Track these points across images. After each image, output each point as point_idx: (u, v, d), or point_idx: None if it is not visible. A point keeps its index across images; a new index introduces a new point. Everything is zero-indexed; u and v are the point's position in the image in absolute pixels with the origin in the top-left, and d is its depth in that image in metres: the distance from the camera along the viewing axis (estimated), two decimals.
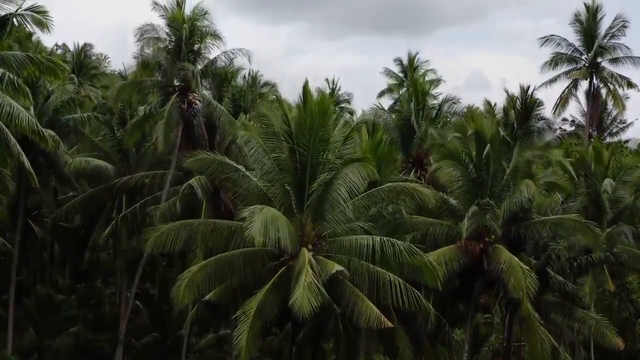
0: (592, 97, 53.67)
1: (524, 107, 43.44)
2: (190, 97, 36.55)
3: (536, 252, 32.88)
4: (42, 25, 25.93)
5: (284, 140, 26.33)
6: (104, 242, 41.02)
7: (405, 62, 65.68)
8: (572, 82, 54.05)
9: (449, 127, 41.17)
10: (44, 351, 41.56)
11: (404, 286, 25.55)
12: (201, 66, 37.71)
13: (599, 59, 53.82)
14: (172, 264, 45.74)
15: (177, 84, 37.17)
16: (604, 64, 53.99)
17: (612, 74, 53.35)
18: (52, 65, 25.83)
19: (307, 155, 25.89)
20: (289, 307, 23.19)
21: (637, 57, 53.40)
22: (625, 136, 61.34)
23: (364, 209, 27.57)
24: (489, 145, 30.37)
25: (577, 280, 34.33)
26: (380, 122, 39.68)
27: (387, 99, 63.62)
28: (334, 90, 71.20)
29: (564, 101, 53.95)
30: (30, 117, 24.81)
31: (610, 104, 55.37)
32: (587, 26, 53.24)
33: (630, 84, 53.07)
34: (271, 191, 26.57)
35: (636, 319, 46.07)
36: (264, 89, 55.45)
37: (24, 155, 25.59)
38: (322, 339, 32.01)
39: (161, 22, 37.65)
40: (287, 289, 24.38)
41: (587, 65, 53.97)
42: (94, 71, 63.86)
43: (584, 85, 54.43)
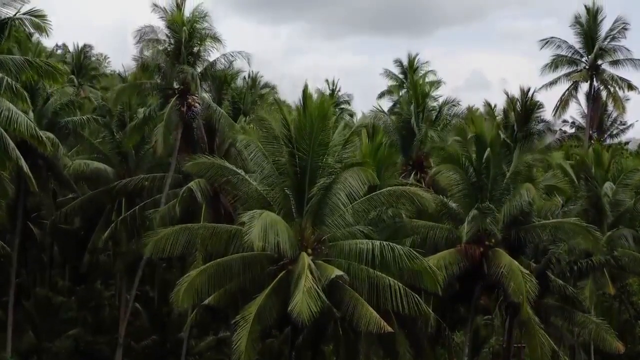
0: (593, 99, 53.60)
1: (524, 109, 43.39)
2: (189, 99, 36.47)
3: (536, 255, 32.81)
4: (40, 29, 25.85)
5: (283, 144, 26.24)
6: (104, 244, 40.94)
7: (405, 63, 65.61)
8: (572, 85, 54.00)
9: (449, 129, 41.06)
10: (43, 354, 41.53)
11: (404, 290, 25.47)
12: (201, 69, 37.62)
13: (600, 61, 53.79)
14: (172, 266, 45.72)
15: (176, 86, 37.10)
16: (604, 66, 53.99)
17: (612, 77, 53.30)
18: (51, 69, 25.72)
19: (306, 159, 25.80)
20: (289, 312, 23.10)
21: (638, 59, 53.45)
22: (625, 137, 61.47)
23: (364, 213, 27.50)
24: (489, 149, 30.30)
25: (577, 283, 34.23)
26: (380, 125, 39.67)
27: (387, 101, 63.51)
28: (334, 91, 71.08)
29: (564, 103, 53.87)
30: (28, 121, 24.72)
31: (610, 105, 55.33)
32: (588, 28, 53.18)
33: (630, 86, 53.02)
34: (271, 195, 26.49)
35: (636, 321, 46.03)
36: (263, 90, 55.48)
37: (22, 159, 25.50)
38: (322, 342, 31.94)
39: (161, 23, 37.67)
40: (287, 293, 24.30)
41: (587, 67, 53.93)
42: (94, 72, 63.84)
43: (585, 87, 54.50)
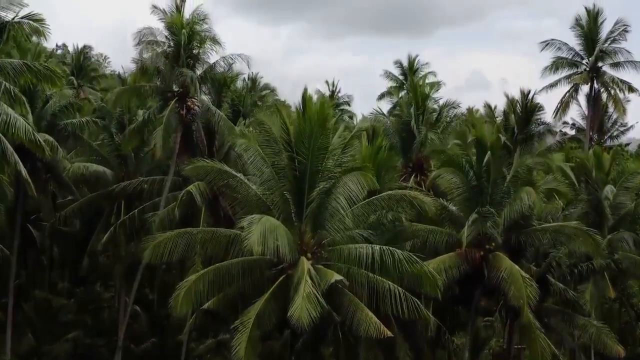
0: (593, 102, 53.47)
1: (525, 111, 43.45)
2: (189, 102, 36.34)
3: (537, 259, 32.75)
4: (39, 33, 25.77)
5: (282, 148, 26.15)
6: (103, 248, 40.85)
7: (405, 64, 65.62)
8: (572, 87, 53.85)
9: (449, 132, 40.97)
10: (42, 356, 41.40)
11: (404, 295, 25.39)
12: (200, 71, 37.51)
13: (600, 64, 53.64)
14: (171, 268, 45.60)
15: (175, 89, 36.95)
16: (604, 69, 53.83)
17: (613, 79, 53.14)
18: (50, 72, 25.60)
19: (306, 163, 25.70)
20: (288, 317, 23.01)
21: (638, 61, 53.26)
22: (625, 138, 61.35)
23: (364, 216, 27.38)
24: (489, 152, 30.18)
25: (578, 287, 34.19)
26: (380, 127, 39.58)
27: (387, 103, 63.43)
28: (334, 92, 71.10)
29: (564, 106, 53.72)
30: (27, 125, 24.62)
31: (611, 107, 55.22)
32: (588, 30, 53.03)
33: (631, 89, 52.87)
34: (270, 199, 26.40)
35: (637, 323, 45.90)
36: (263, 92, 55.46)
37: (21, 164, 25.40)
38: (321, 345, 31.86)
39: (160, 25, 37.58)
40: (286, 298, 24.21)
41: (588, 69, 53.77)
42: (94, 73, 63.78)
43: (585, 88, 54.33)
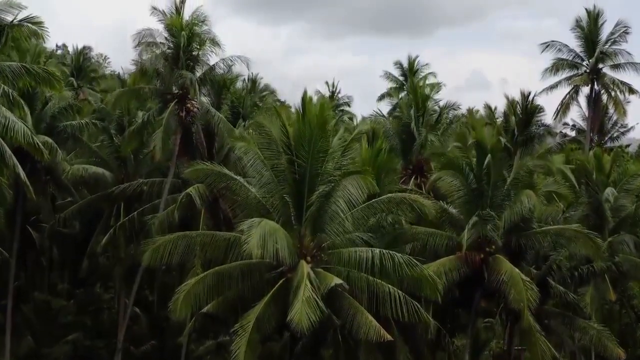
0: (593, 103, 53.37)
1: (525, 113, 43.35)
2: (188, 104, 36.26)
3: (537, 261, 32.67)
4: (37, 36, 25.69)
5: (282, 151, 26.07)
6: (102, 250, 40.79)
7: (405, 65, 65.52)
8: (573, 88, 53.77)
9: (450, 134, 40.89)
10: (41, 359, 41.32)
11: (404, 298, 25.33)
12: (200, 73, 37.43)
13: (600, 65, 53.53)
14: (171, 269, 45.52)
15: (175, 91, 36.86)
16: (605, 70, 53.76)
17: (613, 81, 53.02)
18: (49, 76, 25.52)
19: (305, 166, 25.60)
20: (288, 322, 22.95)
21: (639, 62, 53.17)
22: (626, 139, 61.24)
23: (364, 220, 27.32)
24: (489, 155, 30.11)
25: (578, 289, 34.11)
26: (379, 129, 39.52)
27: (387, 105, 63.31)
28: (334, 93, 71.07)
29: (565, 107, 53.63)
30: (25, 128, 24.56)
31: (611, 109, 55.14)
32: (589, 32, 52.92)
33: (631, 90, 52.79)
34: (270, 202, 26.32)
35: (637, 324, 45.83)
36: (263, 93, 55.32)
37: (19, 167, 25.33)
38: (321, 348, 31.80)
39: (160, 26, 37.51)
40: (286, 301, 24.14)
41: (588, 71, 53.65)
42: (93, 74, 63.71)
43: (585, 90, 54.22)
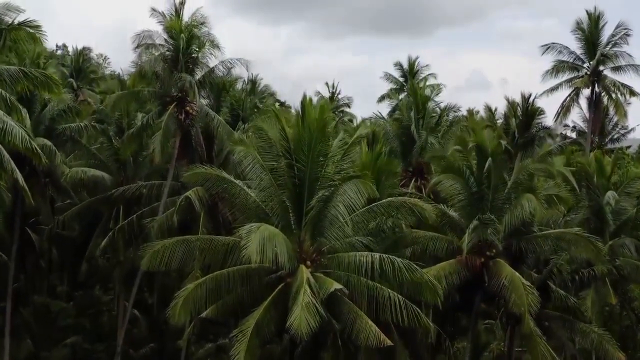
0: (594, 105, 53.21)
1: (525, 115, 43.26)
2: (187, 107, 36.15)
3: (537, 265, 32.57)
4: (35, 39, 25.56)
5: (281, 155, 25.96)
6: (101, 253, 40.69)
7: (405, 66, 65.45)
8: (573, 91, 53.56)
9: (450, 136, 40.78)
10: None
11: (404, 303, 25.27)
12: (199, 75, 37.32)
13: (601, 67, 53.29)
14: (171, 272, 45.36)
15: (174, 94, 36.71)
16: (606, 72, 53.46)
17: (614, 83, 52.79)
18: (47, 79, 25.37)
19: (305, 170, 25.51)
20: (287, 328, 22.84)
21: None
22: (627, 140, 61.11)
23: (363, 224, 27.22)
24: (490, 158, 29.97)
25: (579, 293, 33.99)
26: (379, 132, 39.45)
27: (387, 107, 63.21)
28: (334, 94, 71.04)
29: (565, 110, 53.42)
30: (23, 133, 24.41)
31: (612, 110, 54.98)
32: (589, 34, 52.70)
33: (632, 92, 52.54)
34: (269, 207, 26.22)
35: (638, 326, 45.69)
36: (263, 95, 55.21)
37: (17, 171, 25.16)
38: (321, 351, 31.71)
39: (160, 28, 37.40)
40: (285, 306, 24.04)
41: (589, 73, 53.43)
42: (93, 75, 63.63)
43: (586, 92, 54.02)
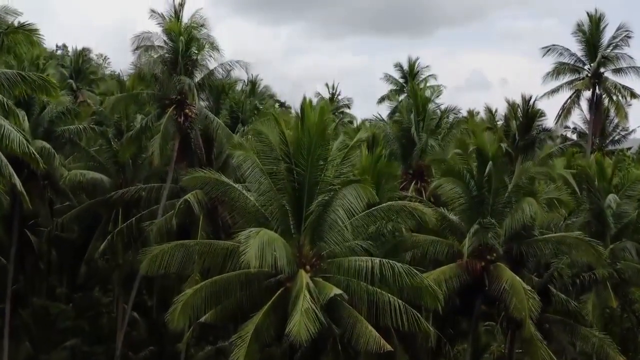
0: (595, 108, 53.05)
1: (526, 117, 43.15)
2: (186, 110, 36.00)
3: (538, 269, 32.46)
4: (32, 43, 25.42)
5: (281, 159, 25.83)
6: (100, 256, 40.58)
7: (405, 66, 65.31)
8: (574, 93, 53.39)
9: (450, 139, 40.65)
10: None
11: (404, 307, 25.17)
12: (198, 78, 37.18)
13: (602, 69, 53.08)
14: (170, 274, 45.22)
15: (173, 96, 36.54)
16: (607, 74, 53.23)
17: (615, 85, 52.57)
18: (45, 83, 25.25)
19: (304, 174, 25.38)
20: (286, 334, 22.72)
21: None
22: (627, 141, 60.93)
23: (363, 228, 27.10)
24: (490, 162, 29.85)
25: (580, 297, 33.88)
26: (379, 134, 39.34)
27: (387, 108, 63.09)
28: (334, 95, 70.91)
29: (566, 112, 53.26)
30: (21, 137, 24.32)
31: (612, 112, 54.83)
32: (590, 36, 52.49)
33: (633, 95, 52.31)
34: (269, 211, 26.10)
35: (638, 329, 45.59)
36: (263, 96, 55.07)
37: (15, 176, 25.05)
38: (321, 356, 31.60)
39: (159, 29, 37.26)
40: (285, 311, 23.97)
41: (589, 75, 53.21)
42: (93, 76, 63.52)
43: (587, 94, 53.80)
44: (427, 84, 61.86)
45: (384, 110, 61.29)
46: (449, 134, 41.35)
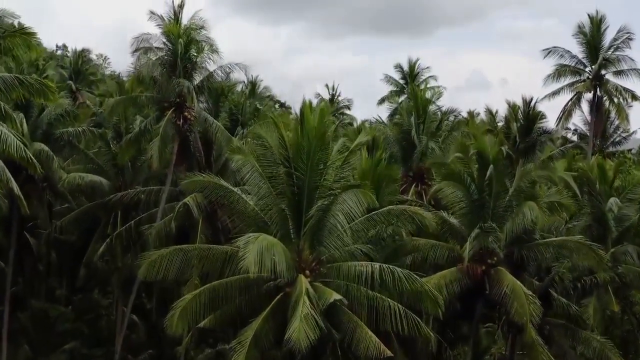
0: (596, 110, 52.87)
1: (526, 119, 42.99)
2: (185, 113, 35.83)
3: (539, 273, 32.30)
4: (30, 47, 25.22)
5: (280, 163, 25.65)
6: (99, 259, 40.42)
7: (405, 67, 65.13)
8: (575, 95, 53.22)
9: (450, 141, 40.48)
10: None
11: (404, 312, 25.00)
12: (198, 80, 37.00)
13: (603, 72, 52.90)
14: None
15: (172, 99, 36.35)
16: (608, 77, 53.08)
17: (616, 87, 52.42)
18: (42, 87, 25.05)
19: (304, 179, 25.19)
20: (286, 340, 22.54)
21: None
22: (628, 143, 60.78)
23: (363, 232, 26.92)
24: (491, 166, 29.68)
25: (581, 301, 33.72)
26: (380, 136, 39.19)
27: (387, 109, 62.91)
28: (334, 96, 70.77)
29: (567, 114, 53.13)
30: (18, 142, 24.15)
31: (613, 113, 54.66)
32: (591, 38, 52.33)
33: (634, 97, 52.18)
34: (268, 215, 25.92)
35: (639, 331, 45.44)
36: (263, 97, 54.95)
37: (13, 181, 24.92)
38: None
39: (158, 31, 37.08)
40: (284, 316, 23.79)
41: (590, 77, 53.02)
42: (92, 77, 63.43)
43: (588, 95, 53.64)
44: (428, 86, 61.79)
45: (384, 111, 61.18)
46: (450, 136, 41.21)
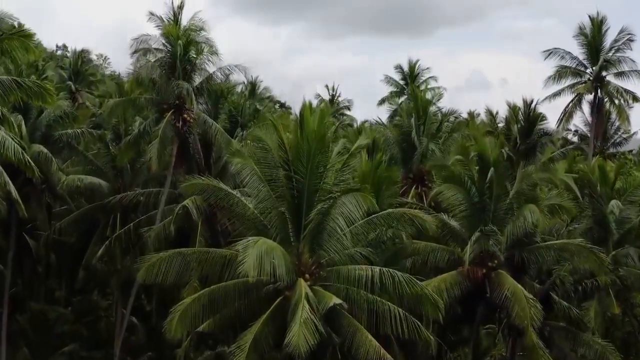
0: (597, 111, 52.74)
1: (527, 121, 42.89)
2: (185, 115, 35.69)
3: (540, 276, 32.17)
4: (28, 49, 25.05)
5: (280, 166, 25.52)
6: (98, 261, 40.29)
7: (405, 68, 65.01)
8: (576, 96, 53.08)
9: (451, 143, 40.35)
10: None
11: (404, 315, 24.88)
12: (197, 82, 36.87)
13: (604, 73, 52.77)
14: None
15: (171, 101, 36.20)
16: (609, 78, 52.94)
17: (617, 89, 52.27)
18: (41, 89, 24.91)
19: (304, 182, 25.05)
20: (285, 344, 22.42)
21: None
22: (629, 143, 60.66)
23: (363, 235, 26.79)
24: (492, 168, 29.55)
25: (582, 304, 33.61)
26: (380, 138, 39.05)
27: (387, 110, 62.81)
28: (334, 97, 70.66)
29: (568, 116, 53.00)
30: (16, 146, 24.04)
31: (614, 115, 54.53)
32: (592, 39, 52.17)
33: (635, 98, 52.02)
34: (268, 218, 25.79)
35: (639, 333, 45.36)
36: (263, 97, 54.83)
37: (11, 184, 24.81)
38: None
39: (158, 32, 36.96)
40: (284, 320, 23.67)
41: (591, 79, 52.86)
42: (92, 78, 63.31)
43: (589, 97, 53.46)
44: (428, 86, 61.67)
45: (384, 112, 61.10)
46: (450, 138, 41.06)
